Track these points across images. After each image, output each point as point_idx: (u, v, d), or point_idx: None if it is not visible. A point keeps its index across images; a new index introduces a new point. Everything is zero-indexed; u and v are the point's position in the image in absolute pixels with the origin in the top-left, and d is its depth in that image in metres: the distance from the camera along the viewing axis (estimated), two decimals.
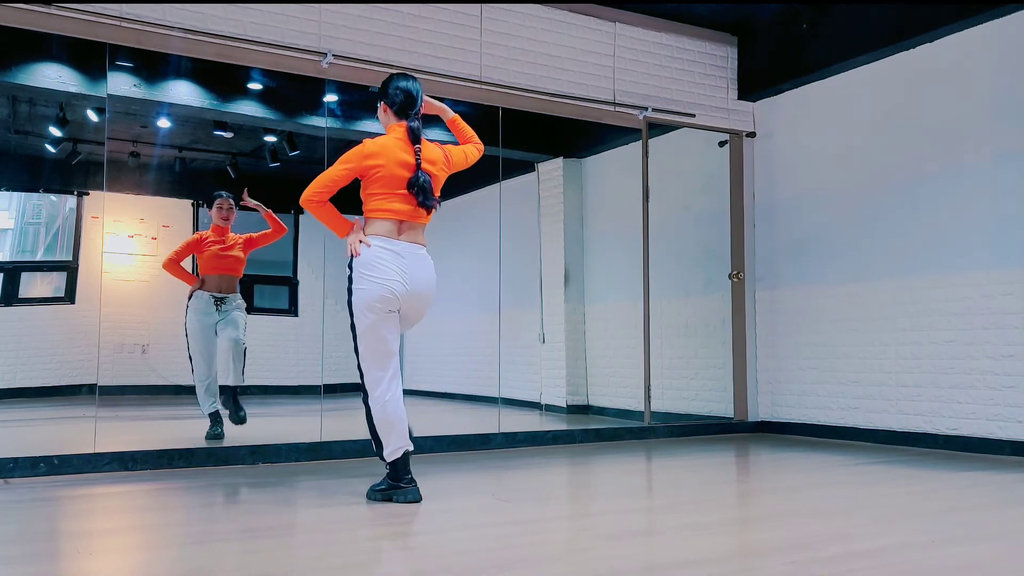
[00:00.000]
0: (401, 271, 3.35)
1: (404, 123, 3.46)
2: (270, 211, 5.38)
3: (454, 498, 3.62)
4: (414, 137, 3.42)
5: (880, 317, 5.66)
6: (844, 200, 5.95)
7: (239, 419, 5.06)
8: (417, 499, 3.40)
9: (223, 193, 5.35)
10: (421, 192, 3.34)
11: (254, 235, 5.40)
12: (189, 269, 5.39)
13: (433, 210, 3.44)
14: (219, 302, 5.19)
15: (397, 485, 3.40)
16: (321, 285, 6.26)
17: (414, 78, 3.56)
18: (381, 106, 3.53)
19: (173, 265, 5.26)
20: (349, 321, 3.42)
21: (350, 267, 3.39)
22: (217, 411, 5.11)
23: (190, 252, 5.29)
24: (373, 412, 3.40)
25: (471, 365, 7.55)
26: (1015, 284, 4.93)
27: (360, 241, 3.35)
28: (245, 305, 5.32)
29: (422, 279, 3.41)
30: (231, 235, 5.31)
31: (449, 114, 3.72)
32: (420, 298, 3.43)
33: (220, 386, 5.16)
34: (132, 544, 2.84)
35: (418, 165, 3.37)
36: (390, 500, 3.40)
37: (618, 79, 6.08)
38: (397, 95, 3.48)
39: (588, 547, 2.75)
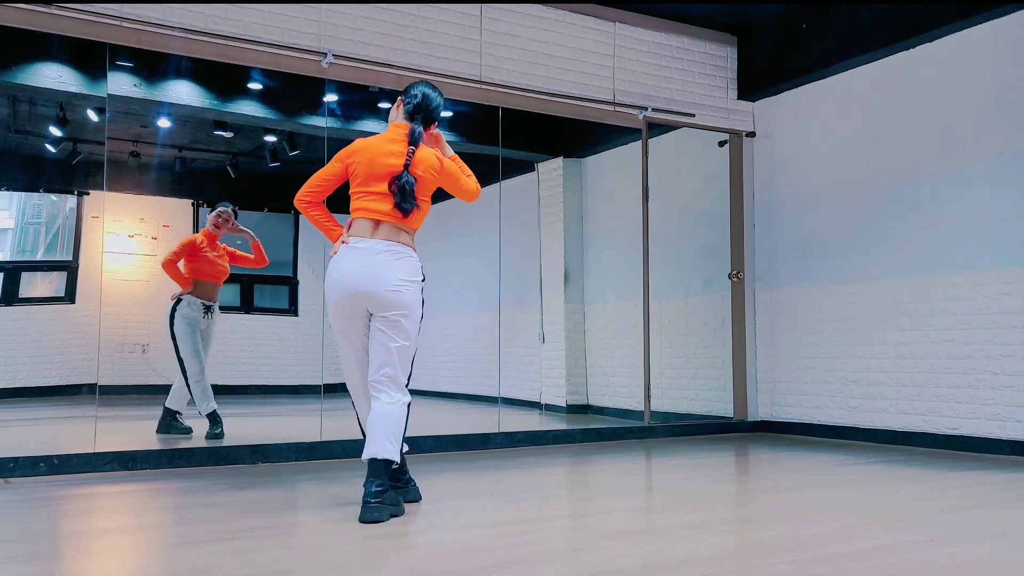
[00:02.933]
0: (356, 269, 3.18)
1: (408, 124, 3.36)
2: (259, 241, 5.52)
3: (454, 498, 3.62)
4: (413, 139, 3.30)
5: (879, 317, 5.66)
6: (844, 200, 5.96)
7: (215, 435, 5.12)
8: (416, 498, 3.40)
9: (228, 205, 5.42)
10: (400, 192, 3.20)
11: (237, 252, 5.49)
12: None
13: (412, 213, 3.26)
14: (208, 311, 5.30)
15: (395, 485, 3.39)
16: (321, 285, 6.26)
17: (440, 92, 3.49)
18: (398, 100, 3.46)
19: (172, 266, 5.30)
20: None
21: None
22: (215, 411, 5.12)
23: (185, 254, 5.33)
24: (358, 415, 3.42)
25: (471, 365, 7.55)
26: (1014, 284, 4.94)
27: (343, 242, 3.26)
28: None
29: (374, 273, 3.17)
30: (219, 245, 5.42)
31: (449, 152, 3.59)
32: (371, 296, 3.18)
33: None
34: (132, 543, 2.84)
35: (407, 166, 3.25)
36: None
37: (618, 79, 6.08)
38: (415, 96, 3.40)
39: (588, 546, 2.75)
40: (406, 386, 3.26)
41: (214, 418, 5.12)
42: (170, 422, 5.21)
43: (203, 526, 3.11)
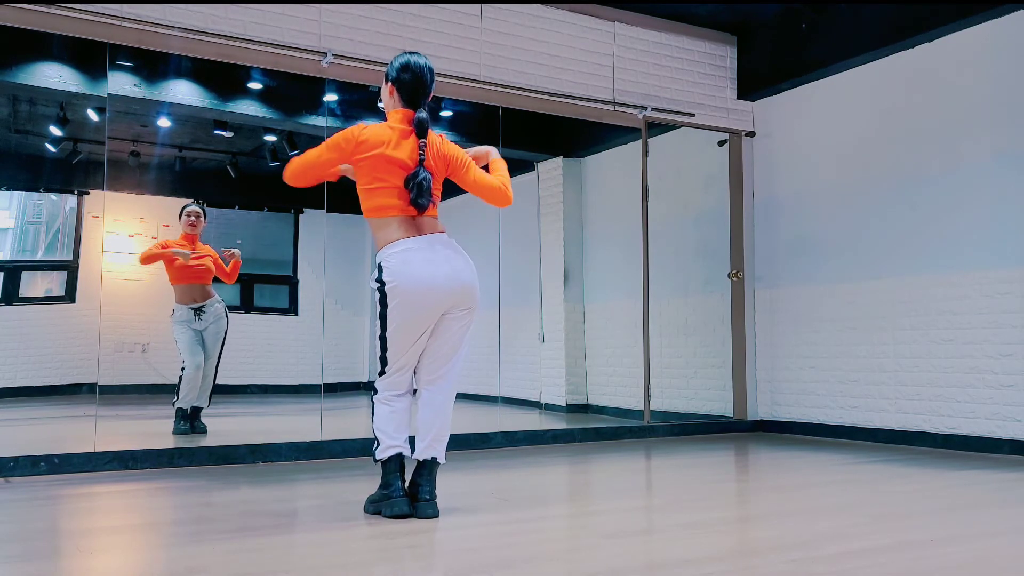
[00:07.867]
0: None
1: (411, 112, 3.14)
2: (240, 263, 5.60)
3: (454, 498, 3.62)
4: (421, 130, 3.10)
5: (879, 316, 5.66)
6: (843, 199, 5.96)
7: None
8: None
9: (193, 203, 5.53)
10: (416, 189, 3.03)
11: (218, 259, 5.54)
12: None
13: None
14: (198, 312, 5.34)
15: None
16: (321, 284, 6.26)
17: (425, 57, 3.24)
18: (387, 87, 3.21)
19: (146, 261, 5.42)
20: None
21: None
22: (186, 410, 5.23)
23: (162, 257, 5.43)
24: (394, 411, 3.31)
25: (470, 364, 7.53)
26: (1014, 283, 4.94)
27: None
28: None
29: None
30: (200, 245, 5.47)
31: (495, 154, 3.47)
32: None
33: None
34: (132, 543, 2.84)
35: (421, 161, 3.07)
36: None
37: (618, 79, 6.08)
38: (404, 75, 3.15)
39: (587, 546, 2.75)
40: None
41: (182, 414, 5.15)
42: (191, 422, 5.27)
43: (202, 526, 3.11)
